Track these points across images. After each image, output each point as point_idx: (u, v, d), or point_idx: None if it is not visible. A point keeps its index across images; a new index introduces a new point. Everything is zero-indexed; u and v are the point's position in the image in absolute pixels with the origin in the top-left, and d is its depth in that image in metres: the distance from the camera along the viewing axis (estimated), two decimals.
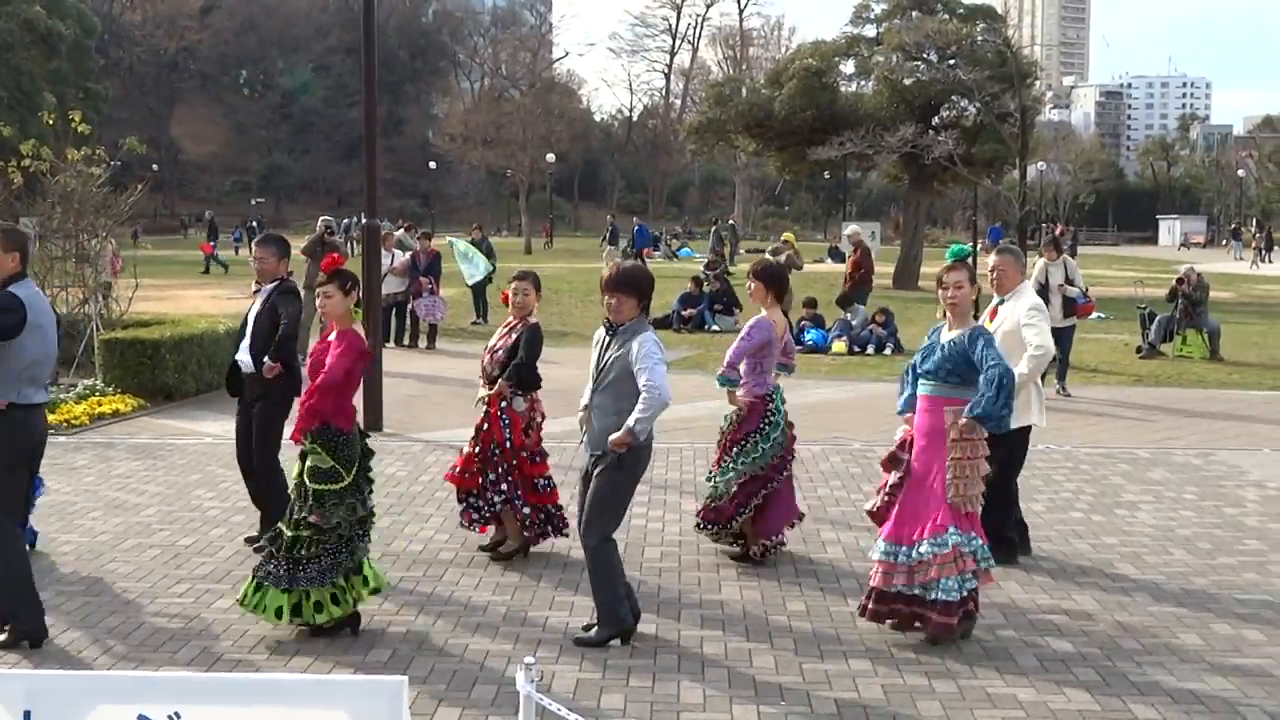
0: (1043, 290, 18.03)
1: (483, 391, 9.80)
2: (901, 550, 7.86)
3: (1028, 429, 9.69)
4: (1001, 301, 9.80)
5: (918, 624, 7.88)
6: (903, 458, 8.09)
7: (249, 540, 9.86)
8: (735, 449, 9.68)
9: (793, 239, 28.67)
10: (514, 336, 9.79)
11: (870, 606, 8.00)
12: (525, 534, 9.76)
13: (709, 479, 9.85)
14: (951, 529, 7.79)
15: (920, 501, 7.90)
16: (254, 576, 8.01)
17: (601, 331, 7.98)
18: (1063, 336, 18.13)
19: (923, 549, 7.77)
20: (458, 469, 9.84)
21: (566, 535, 9.72)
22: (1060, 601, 8.77)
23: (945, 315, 8.11)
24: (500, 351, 9.77)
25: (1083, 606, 8.66)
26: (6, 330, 7.61)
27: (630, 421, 7.66)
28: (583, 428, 8.06)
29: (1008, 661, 7.58)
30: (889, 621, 7.99)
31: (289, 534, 7.92)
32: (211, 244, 50.97)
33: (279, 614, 7.87)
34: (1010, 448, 9.40)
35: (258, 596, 7.91)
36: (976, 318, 8.62)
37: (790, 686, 7.17)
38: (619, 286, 7.82)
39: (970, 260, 8.40)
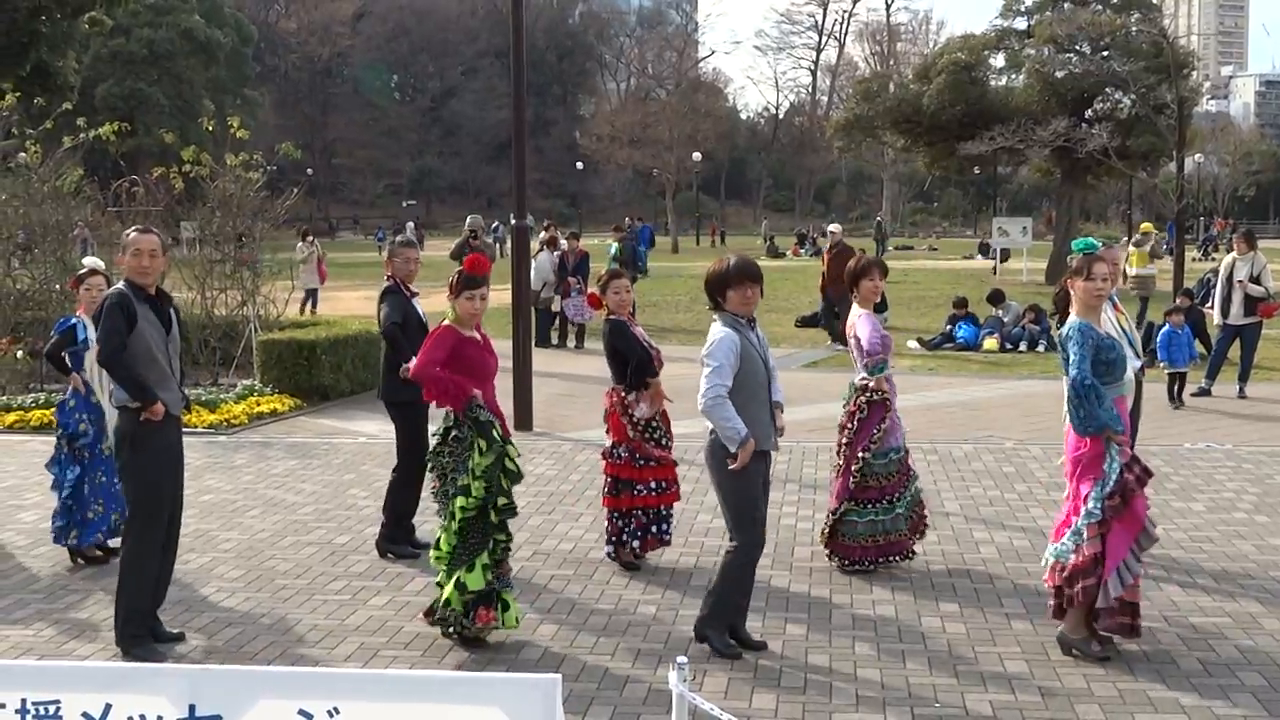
0: (1225, 285, 17.55)
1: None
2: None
3: None
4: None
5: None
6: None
7: None
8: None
9: (1151, 228, 27.55)
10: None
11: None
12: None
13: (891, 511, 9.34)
14: None
15: None
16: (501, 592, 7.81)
17: (745, 330, 7.47)
18: (1244, 335, 17.58)
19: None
20: (663, 483, 9.47)
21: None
22: (1223, 604, 8.53)
23: (1080, 310, 7.52)
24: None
25: (1247, 609, 8.41)
26: None
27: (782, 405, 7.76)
28: (775, 431, 7.65)
29: (1169, 665, 7.39)
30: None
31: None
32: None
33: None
34: None
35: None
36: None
37: (944, 689, 7.07)
38: (759, 278, 7.56)
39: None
